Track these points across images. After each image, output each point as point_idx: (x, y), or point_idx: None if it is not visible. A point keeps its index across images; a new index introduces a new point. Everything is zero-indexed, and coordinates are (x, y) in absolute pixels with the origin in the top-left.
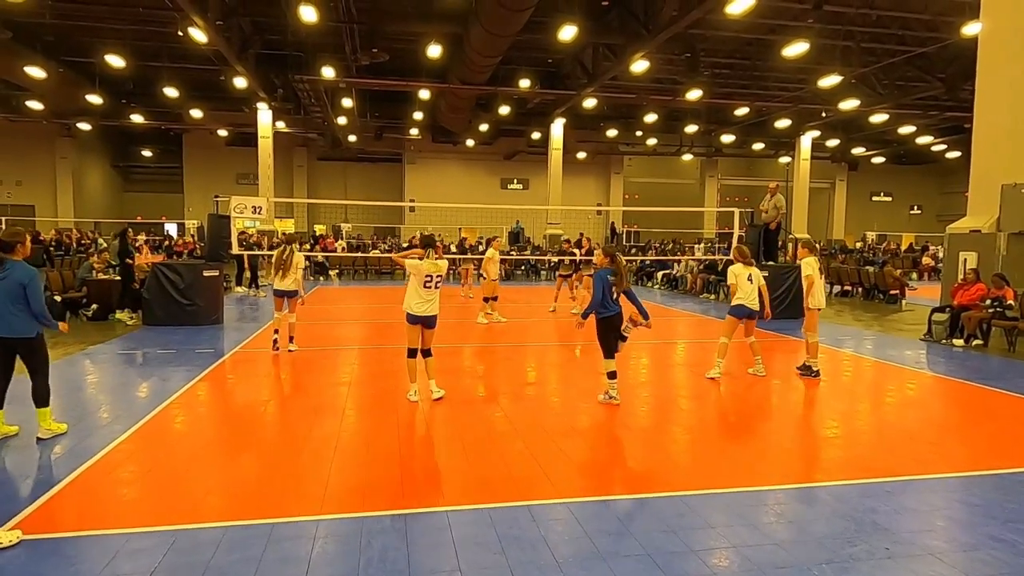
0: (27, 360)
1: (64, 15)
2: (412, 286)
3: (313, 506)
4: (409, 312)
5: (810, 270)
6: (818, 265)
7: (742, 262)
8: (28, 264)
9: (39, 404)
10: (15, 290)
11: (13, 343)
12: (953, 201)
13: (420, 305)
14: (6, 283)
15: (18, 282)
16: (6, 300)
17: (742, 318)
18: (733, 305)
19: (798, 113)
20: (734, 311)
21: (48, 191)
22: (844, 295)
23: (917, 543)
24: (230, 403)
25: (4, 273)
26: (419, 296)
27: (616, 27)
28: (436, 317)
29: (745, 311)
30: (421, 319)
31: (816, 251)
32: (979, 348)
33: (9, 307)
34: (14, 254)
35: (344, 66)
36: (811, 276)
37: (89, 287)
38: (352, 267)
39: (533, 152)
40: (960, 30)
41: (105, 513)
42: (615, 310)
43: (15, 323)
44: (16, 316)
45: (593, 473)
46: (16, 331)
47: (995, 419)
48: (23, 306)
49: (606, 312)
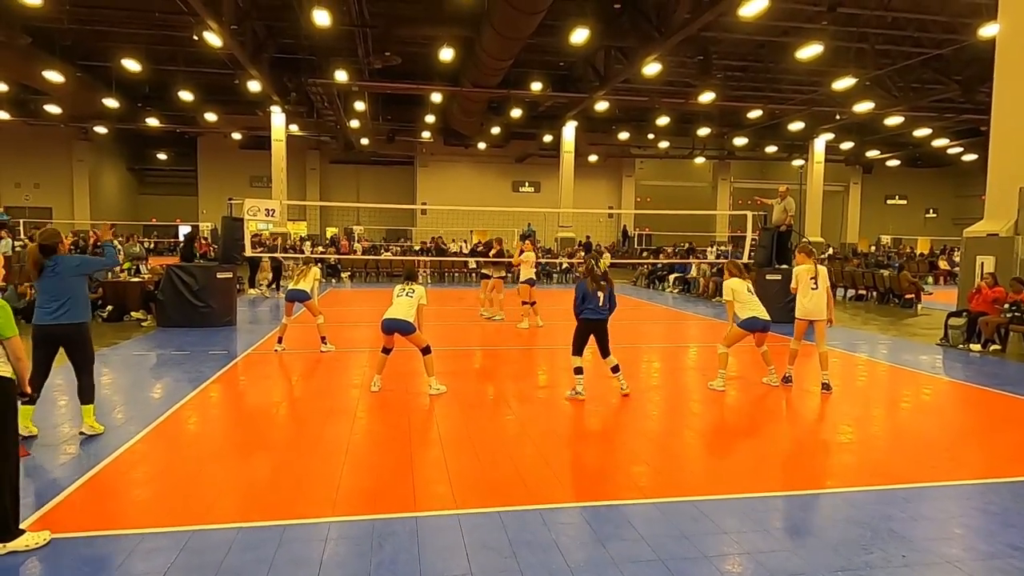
0: (74, 354)
1: (81, 20)
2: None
3: (325, 508)
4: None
5: (795, 281)
6: (812, 273)
7: (738, 276)
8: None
9: (86, 400)
10: (70, 279)
11: (63, 333)
12: (969, 204)
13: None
14: (59, 275)
15: (71, 272)
16: (61, 290)
17: (754, 331)
18: (745, 318)
19: (812, 116)
20: (746, 324)
21: (65, 193)
22: (859, 299)
23: (934, 551)
24: (242, 405)
25: (54, 266)
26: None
27: (628, 30)
28: (407, 322)
29: (759, 324)
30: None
31: (814, 256)
32: (997, 353)
33: (64, 296)
34: (58, 252)
35: (357, 70)
36: (793, 286)
37: (105, 288)
38: (364, 269)
39: (545, 155)
40: (977, 32)
41: (119, 513)
42: (600, 315)
43: (72, 310)
44: (69, 307)
45: (605, 477)
46: (69, 317)
47: (1013, 425)
48: (78, 293)
49: (589, 315)
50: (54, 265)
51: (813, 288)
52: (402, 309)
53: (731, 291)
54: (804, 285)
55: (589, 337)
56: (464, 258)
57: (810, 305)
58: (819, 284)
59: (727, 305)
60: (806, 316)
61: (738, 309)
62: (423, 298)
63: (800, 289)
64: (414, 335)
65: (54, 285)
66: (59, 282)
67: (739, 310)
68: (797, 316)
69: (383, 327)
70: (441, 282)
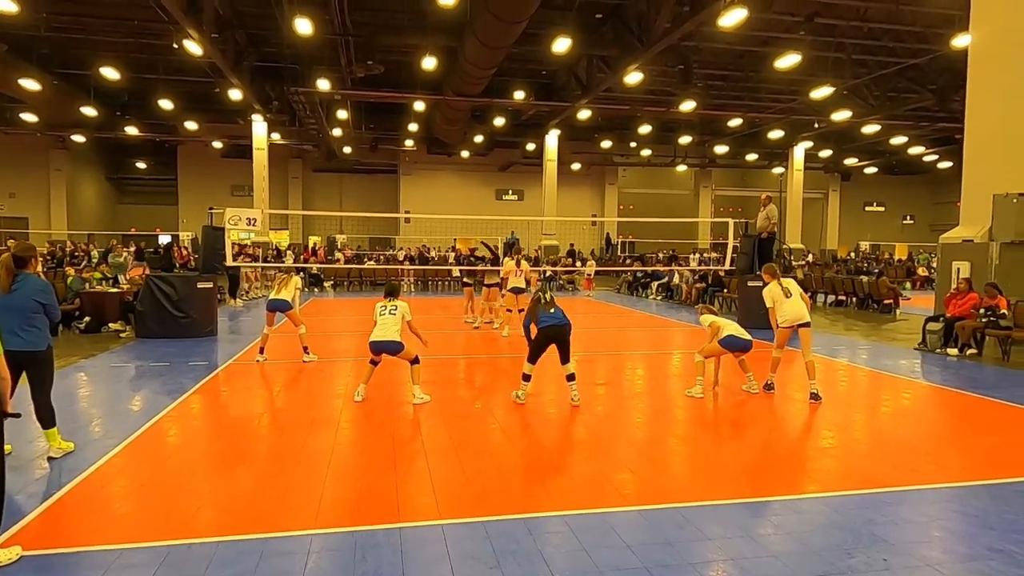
0: (33, 374)
1: (59, 28)
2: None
3: (307, 520)
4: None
5: (769, 301)
6: (779, 289)
7: (710, 314)
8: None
9: (47, 425)
10: (29, 303)
11: (23, 357)
12: (945, 211)
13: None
14: (19, 296)
15: (32, 294)
16: (19, 313)
17: (733, 351)
18: (725, 336)
19: (791, 124)
20: (725, 342)
21: (42, 203)
22: (839, 305)
23: (915, 554)
24: (223, 416)
25: (16, 285)
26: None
27: (610, 39)
28: (396, 342)
29: (740, 343)
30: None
31: (777, 276)
32: (973, 357)
33: (22, 320)
34: (27, 268)
35: (339, 78)
36: (772, 308)
37: (82, 299)
38: (347, 278)
39: (528, 163)
40: (950, 42)
41: (97, 528)
42: (560, 321)
43: (28, 336)
44: (28, 330)
45: (589, 485)
46: (29, 344)
47: (991, 429)
48: (36, 318)
49: (548, 321)
50: (22, 280)
51: (788, 296)
52: (388, 329)
53: (709, 324)
54: (779, 299)
55: (548, 346)
56: (448, 267)
57: (791, 311)
58: (792, 291)
59: (770, 313)
60: (791, 322)
61: (720, 332)
62: (407, 313)
63: (776, 303)
64: (404, 352)
65: (15, 304)
66: (19, 302)
67: (720, 333)
68: (781, 324)
69: (372, 349)
70: (425, 290)
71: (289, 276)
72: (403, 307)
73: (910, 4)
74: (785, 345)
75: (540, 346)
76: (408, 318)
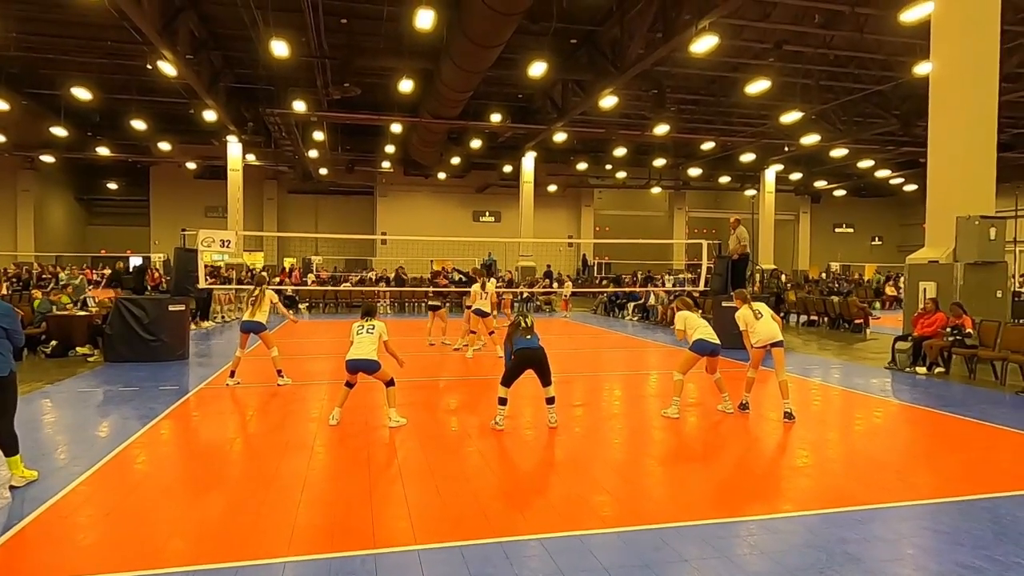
0: None
1: (30, 47)
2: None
3: (280, 547)
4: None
5: (742, 324)
6: (750, 312)
7: (687, 309)
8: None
9: (9, 453)
10: None
11: None
12: (912, 232)
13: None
14: None
15: None
16: None
17: (704, 354)
18: (694, 340)
19: (762, 147)
20: (696, 347)
21: (8, 224)
22: (811, 324)
23: (887, 572)
24: (194, 441)
25: None
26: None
27: (585, 64)
28: (373, 360)
29: (709, 347)
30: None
31: (748, 300)
32: (941, 376)
33: None
34: None
35: (316, 100)
36: (745, 331)
37: (48, 323)
38: (323, 300)
39: (505, 185)
40: (912, 69)
41: (61, 560)
42: (533, 344)
43: None
44: None
45: (567, 507)
46: None
47: (959, 446)
48: (1, 344)
49: (522, 344)
50: None
51: (759, 317)
52: (365, 348)
53: (682, 321)
54: (750, 321)
55: (524, 370)
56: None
57: (764, 331)
58: (763, 312)
59: (677, 334)
60: (764, 342)
61: (689, 334)
62: (384, 333)
63: (749, 325)
64: (380, 371)
65: None
66: None
67: (690, 335)
68: (755, 344)
69: (348, 367)
70: (402, 312)
71: (262, 291)
72: (380, 327)
73: (874, 33)
74: (759, 365)
75: (515, 369)
76: (385, 338)
